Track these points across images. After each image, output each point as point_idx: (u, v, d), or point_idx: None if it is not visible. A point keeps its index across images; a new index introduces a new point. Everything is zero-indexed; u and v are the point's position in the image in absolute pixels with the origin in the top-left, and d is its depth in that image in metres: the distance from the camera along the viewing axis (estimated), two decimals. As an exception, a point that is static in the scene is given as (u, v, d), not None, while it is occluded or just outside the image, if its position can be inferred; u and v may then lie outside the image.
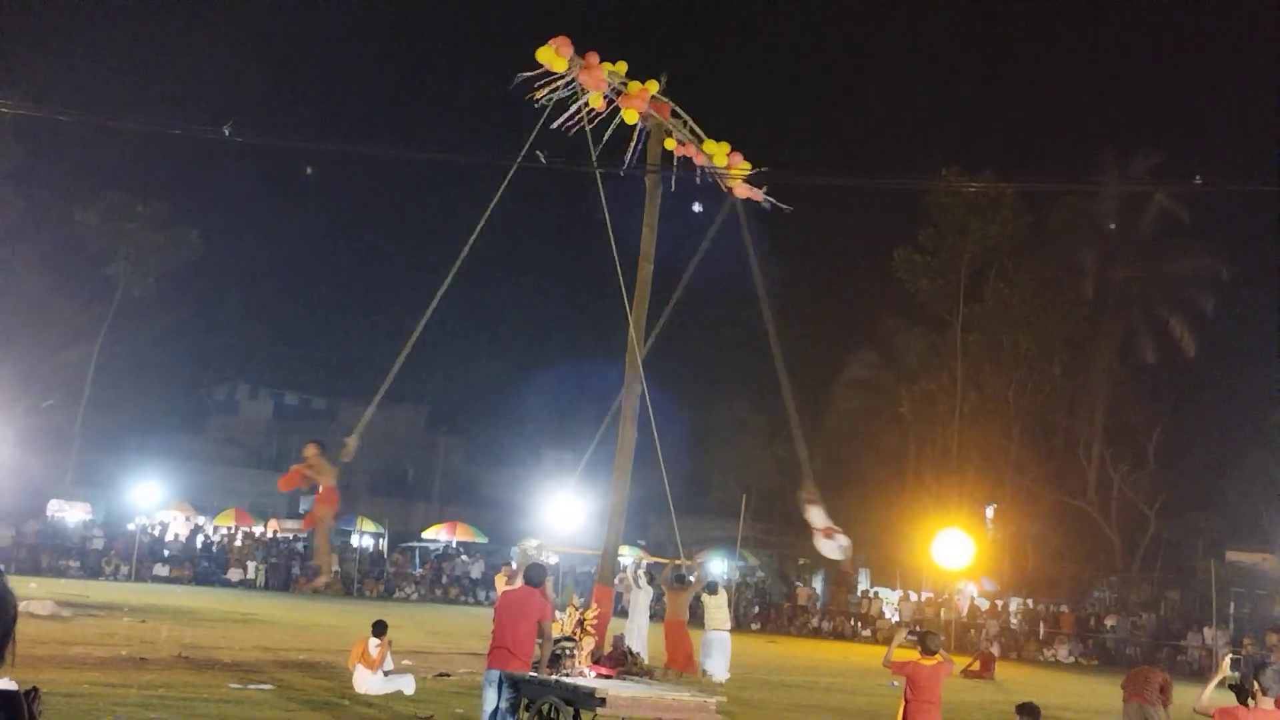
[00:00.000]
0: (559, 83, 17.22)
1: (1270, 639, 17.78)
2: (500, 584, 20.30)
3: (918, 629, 15.41)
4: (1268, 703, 9.49)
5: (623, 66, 17.77)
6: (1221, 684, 11.34)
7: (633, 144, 18.25)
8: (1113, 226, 48.15)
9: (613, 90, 17.78)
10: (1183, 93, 63.88)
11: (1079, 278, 48.47)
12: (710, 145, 18.66)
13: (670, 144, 18.58)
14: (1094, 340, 48.38)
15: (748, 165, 18.88)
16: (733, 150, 18.77)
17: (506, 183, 17.00)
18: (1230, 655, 12.66)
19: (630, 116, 17.78)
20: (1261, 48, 60.94)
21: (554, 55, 16.92)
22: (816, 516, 17.68)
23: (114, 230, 47.98)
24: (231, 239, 62.63)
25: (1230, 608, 40.02)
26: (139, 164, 48.86)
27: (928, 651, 11.71)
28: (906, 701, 11.51)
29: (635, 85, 17.85)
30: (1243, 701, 10.84)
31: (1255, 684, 9.66)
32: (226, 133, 14.22)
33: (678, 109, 18.59)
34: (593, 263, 18.99)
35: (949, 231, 47.89)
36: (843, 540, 17.81)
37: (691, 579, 23.48)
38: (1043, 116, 66.58)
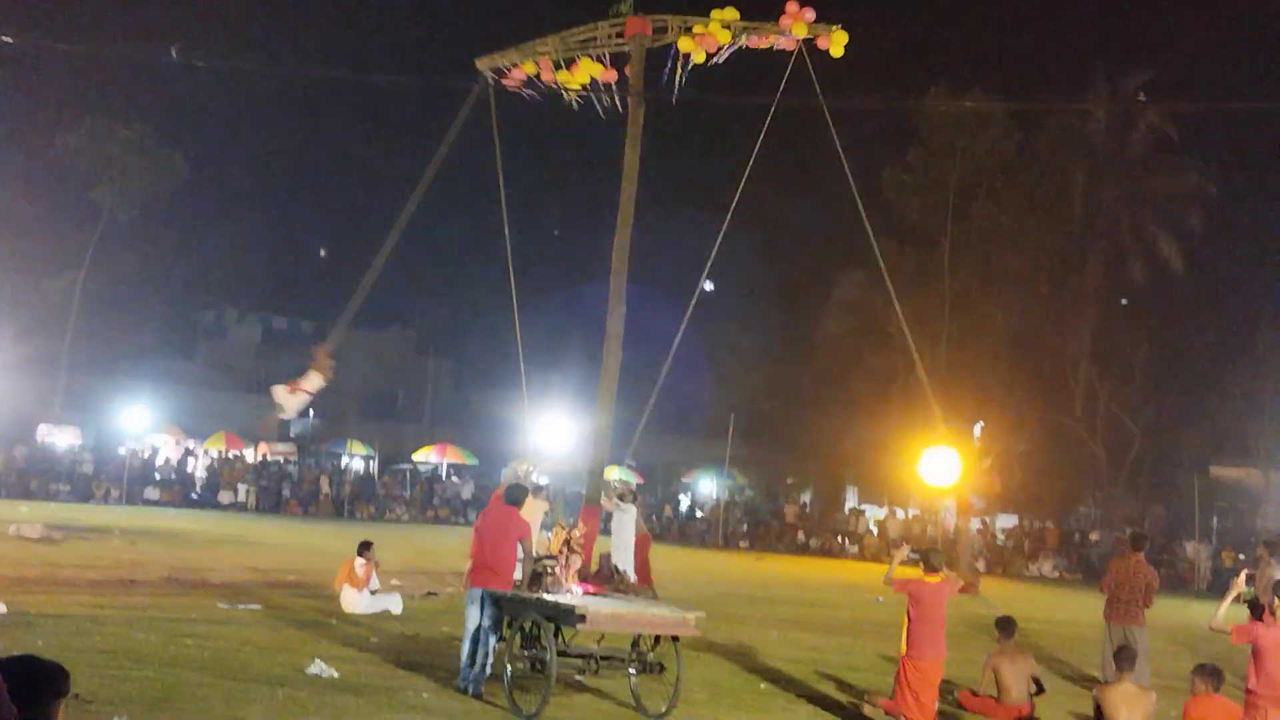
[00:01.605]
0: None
1: (1260, 551, 17.93)
2: (528, 506, 20.26)
3: (920, 548, 15.42)
4: None
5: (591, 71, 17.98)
6: (1237, 600, 11.44)
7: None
8: (1101, 145, 47.91)
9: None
10: (1171, 8, 63.27)
11: (1068, 197, 48.28)
12: (718, 13, 18.33)
13: (688, 44, 18.25)
14: (1082, 259, 48.34)
15: (807, 13, 18.23)
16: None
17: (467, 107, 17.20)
18: (1245, 572, 12.78)
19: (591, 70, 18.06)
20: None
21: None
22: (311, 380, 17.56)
23: (97, 154, 47.57)
24: (217, 162, 62.32)
25: (1214, 522, 40.47)
26: (121, 88, 48.39)
27: (931, 569, 11.72)
28: (910, 620, 11.49)
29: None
30: (1258, 617, 10.99)
31: (1276, 599, 9.68)
32: (174, 54, 14.13)
33: (657, 18, 18.39)
34: (588, 184, 18.97)
35: (937, 151, 47.58)
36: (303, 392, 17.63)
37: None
38: (1031, 33, 65.95)
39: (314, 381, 17.46)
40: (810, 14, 18.06)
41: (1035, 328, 47.88)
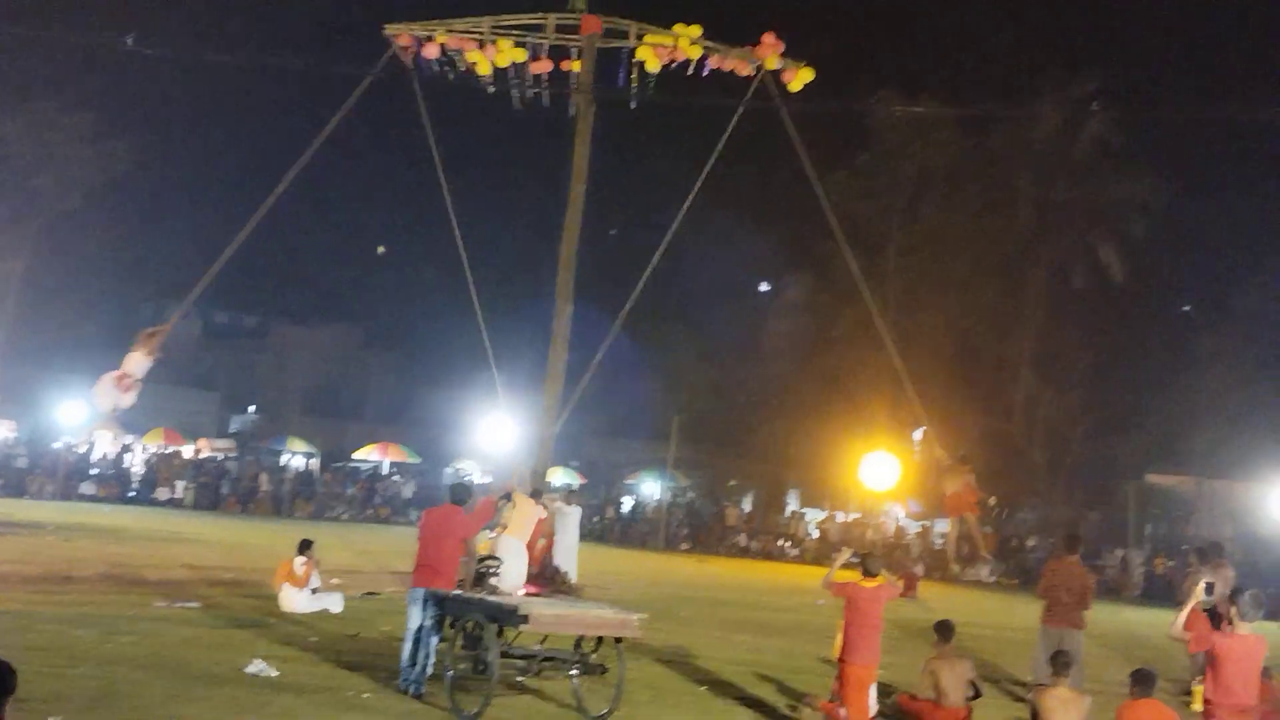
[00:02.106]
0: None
1: (1190, 559, 18.19)
2: (519, 505, 20.04)
3: (860, 552, 15.50)
4: (1245, 627, 9.55)
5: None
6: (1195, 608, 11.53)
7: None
8: (1047, 150, 48.42)
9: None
10: (1117, 17, 64.03)
11: (1014, 203, 48.81)
12: (681, 28, 18.40)
13: (646, 53, 18.29)
14: (1027, 265, 48.85)
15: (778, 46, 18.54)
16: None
17: (352, 94, 17.14)
18: (1204, 580, 12.91)
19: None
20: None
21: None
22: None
23: (39, 142, 46.86)
24: (161, 153, 61.36)
25: (1148, 529, 41.07)
26: (63, 76, 47.55)
27: (869, 574, 11.76)
28: (846, 624, 11.53)
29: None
30: (1216, 625, 11.12)
31: (1233, 608, 9.76)
32: (129, 43, 13.98)
33: (614, 21, 18.40)
34: (535, 184, 18.93)
35: (885, 155, 48.01)
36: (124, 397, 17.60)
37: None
38: (981, 39, 66.51)
39: (137, 363, 17.26)
40: (782, 46, 18.41)
41: (978, 333, 48.41)
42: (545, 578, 18.12)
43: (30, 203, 48.05)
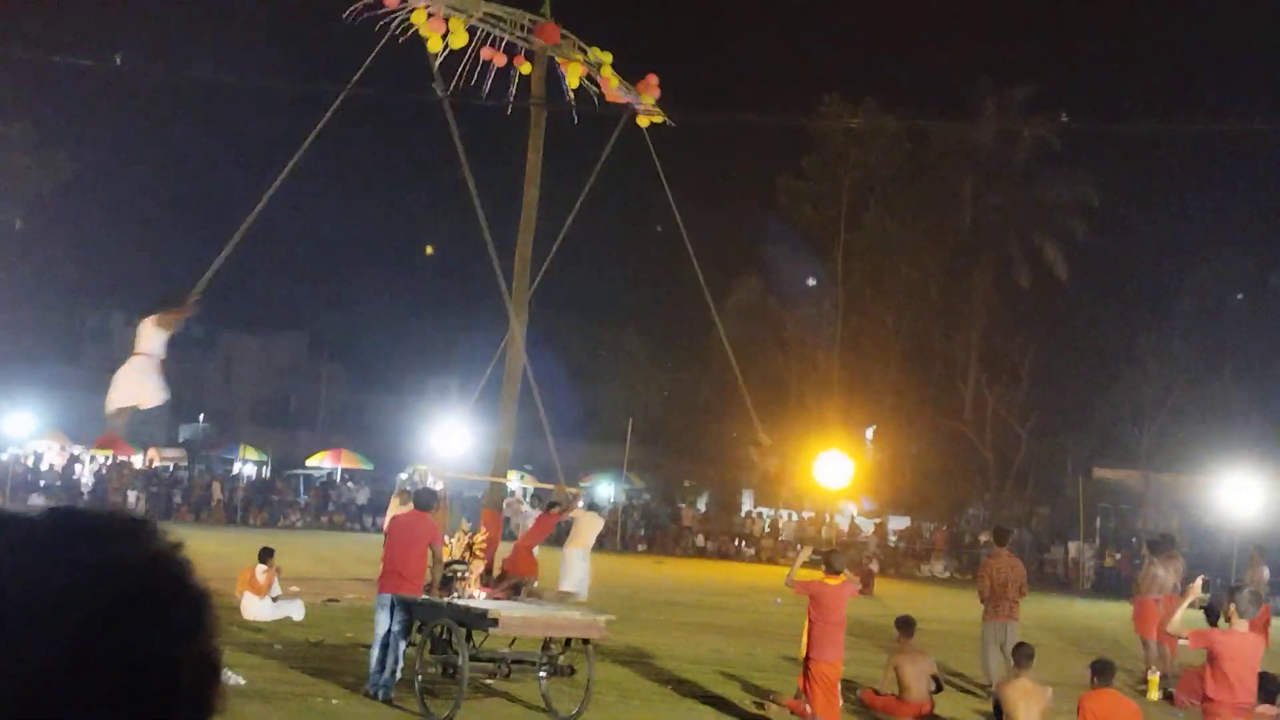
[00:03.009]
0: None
1: (1143, 551, 18.55)
2: (394, 506, 20.30)
3: (821, 550, 15.64)
4: (1242, 624, 9.50)
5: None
6: (1193, 605, 11.63)
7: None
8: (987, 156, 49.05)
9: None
10: (1055, 22, 64.83)
11: (957, 205, 49.37)
12: (596, 54, 18.53)
13: (574, 77, 18.44)
14: (972, 266, 49.42)
15: (656, 89, 18.86)
16: (614, 65, 18.66)
17: (332, 112, 16.95)
18: (1201, 578, 13.10)
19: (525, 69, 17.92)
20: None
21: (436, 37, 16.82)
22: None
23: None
24: (103, 162, 60.66)
25: (1097, 522, 41.65)
26: (3, 85, 47.00)
27: (832, 571, 11.87)
28: (811, 622, 11.62)
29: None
30: (1213, 623, 11.29)
31: (1231, 606, 9.80)
32: (118, 61, 13.92)
33: (565, 31, 18.46)
34: (484, 192, 18.91)
35: (830, 159, 48.42)
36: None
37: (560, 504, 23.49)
38: (921, 44, 67.25)
39: (159, 340, 14.53)
40: (657, 93, 18.80)
41: (926, 333, 48.93)
42: (503, 581, 18.16)
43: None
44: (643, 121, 19.05)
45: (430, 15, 16.62)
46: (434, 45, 16.94)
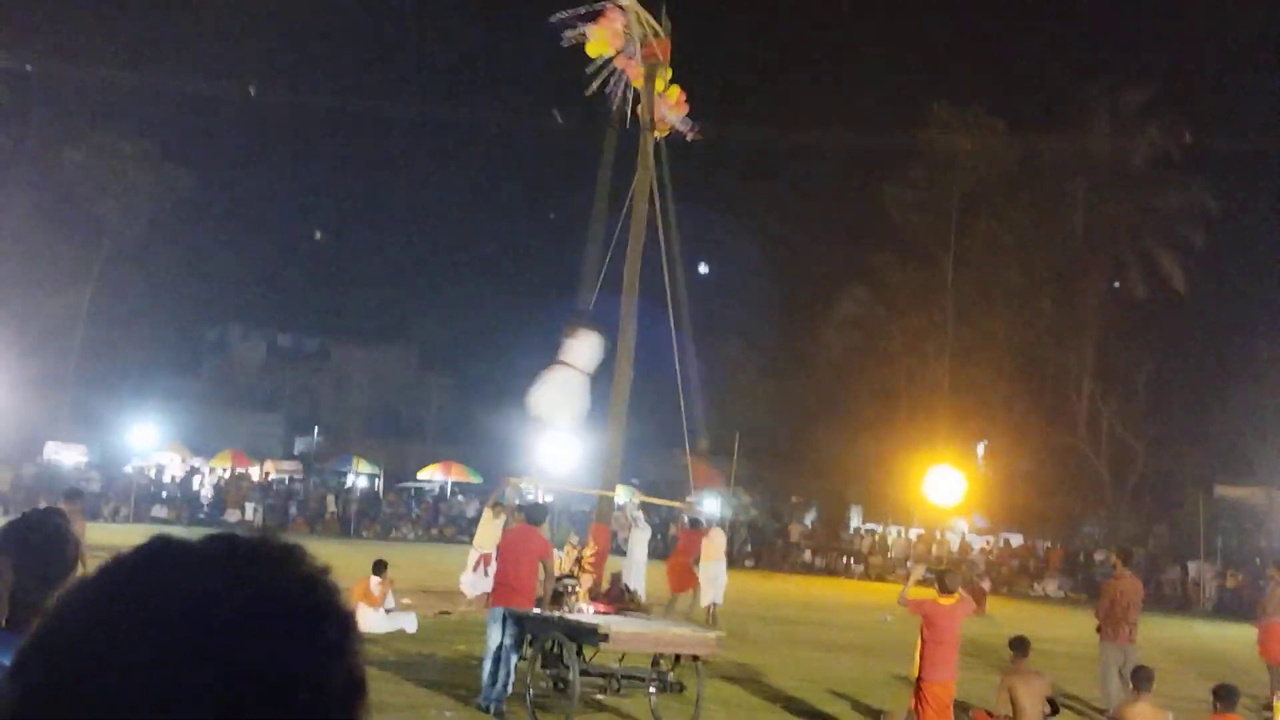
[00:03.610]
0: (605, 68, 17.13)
1: (1271, 572, 17.90)
2: (487, 519, 20.54)
3: (935, 569, 15.49)
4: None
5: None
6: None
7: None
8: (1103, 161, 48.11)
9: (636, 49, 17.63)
10: (1176, 25, 63.43)
11: (1070, 212, 48.52)
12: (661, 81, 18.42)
13: (659, 84, 18.38)
14: (1084, 275, 48.51)
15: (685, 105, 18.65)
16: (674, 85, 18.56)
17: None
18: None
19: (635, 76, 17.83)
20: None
21: (604, 41, 16.87)
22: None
23: (103, 170, 47.74)
24: (223, 178, 62.30)
25: (1218, 541, 40.51)
26: (125, 103, 48.44)
27: (946, 590, 11.67)
28: (924, 641, 11.46)
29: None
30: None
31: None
32: (251, 92, 14.25)
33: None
34: (583, 203, 19.02)
35: (939, 166, 47.88)
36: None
37: (702, 521, 23.98)
38: (1034, 48, 66.17)
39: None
40: (685, 109, 18.43)
41: (1037, 344, 48.11)
42: (614, 595, 18.22)
43: (96, 230, 48.97)
44: (662, 129, 18.58)
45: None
46: (596, 49, 17.12)
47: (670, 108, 18.49)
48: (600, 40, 17.02)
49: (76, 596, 1.00)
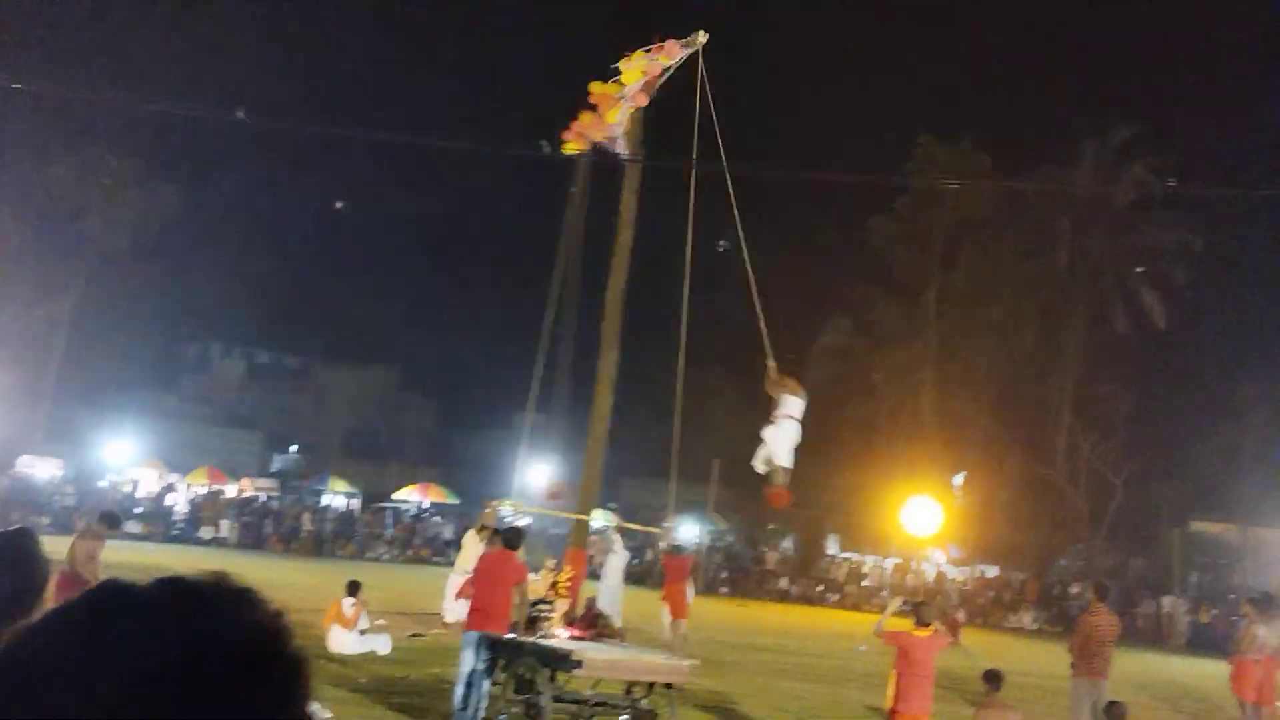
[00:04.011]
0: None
1: (1244, 609, 17.96)
2: (471, 541, 20.44)
3: (912, 600, 15.49)
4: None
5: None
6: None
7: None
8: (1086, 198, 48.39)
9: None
10: (1160, 64, 64.09)
11: (1053, 248, 48.74)
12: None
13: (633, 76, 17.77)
14: (1067, 310, 48.71)
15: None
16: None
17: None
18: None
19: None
20: (1239, 22, 61.18)
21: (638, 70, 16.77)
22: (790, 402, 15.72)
23: (88, 185, 47.64)
24: (207, 196, 62.13)
25: (1193, 576, 40.64)
26: (111, 120, 48.35)
27: (922, 623, 11.73)
28: (899, 673, 11.50)
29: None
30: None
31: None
32: (240, 115, 14.31)
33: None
34: (562, 227, 19.06)
35: (925, 200, 48.09)
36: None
37: (684, 547, 24.00)
38: (1020, 86, 66.73)
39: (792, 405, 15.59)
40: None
41: (1018, 377, 48.24)
42: (589, 620, 18.17)
43: (78, 244, 48.79)
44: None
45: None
46: (630, 77, 16.97)
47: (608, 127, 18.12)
48: (635, 70, 16.92)
49: (21, 648, 0.99)
